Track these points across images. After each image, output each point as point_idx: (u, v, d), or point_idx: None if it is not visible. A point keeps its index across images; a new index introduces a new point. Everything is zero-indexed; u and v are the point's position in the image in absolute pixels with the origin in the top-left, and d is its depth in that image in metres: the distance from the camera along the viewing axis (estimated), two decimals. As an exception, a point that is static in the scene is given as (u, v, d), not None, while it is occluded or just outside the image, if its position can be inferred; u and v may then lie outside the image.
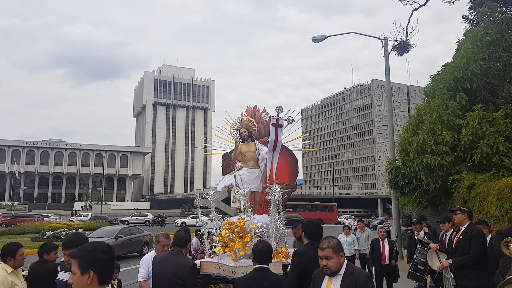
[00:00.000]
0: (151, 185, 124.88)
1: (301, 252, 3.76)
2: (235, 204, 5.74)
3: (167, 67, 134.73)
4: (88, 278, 1.83)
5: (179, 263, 3.68)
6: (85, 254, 1.88)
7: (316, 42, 15.06)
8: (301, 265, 3.58)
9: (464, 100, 9.85)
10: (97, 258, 1.86)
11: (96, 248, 1.90)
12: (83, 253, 1.88)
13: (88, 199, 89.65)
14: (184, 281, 3.58)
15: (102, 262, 1.88)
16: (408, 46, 14.07)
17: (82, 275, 1.84)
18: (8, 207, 79.00)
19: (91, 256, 1.86)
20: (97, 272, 1.85)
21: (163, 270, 3.70)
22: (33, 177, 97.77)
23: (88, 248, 1.91)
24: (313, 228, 3.83)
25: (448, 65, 11.53)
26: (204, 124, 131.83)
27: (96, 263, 1.86)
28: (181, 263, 3.68)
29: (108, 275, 1.92)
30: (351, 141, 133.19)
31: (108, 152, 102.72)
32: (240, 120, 6.52)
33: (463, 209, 5.00)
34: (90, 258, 1.86)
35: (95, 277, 1.84)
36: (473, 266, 4.66)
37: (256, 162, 6.03)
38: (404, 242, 15.22)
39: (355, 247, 10.17)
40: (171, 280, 3.62)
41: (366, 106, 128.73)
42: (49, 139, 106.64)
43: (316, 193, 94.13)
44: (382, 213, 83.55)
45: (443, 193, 10.68)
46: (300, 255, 3.70)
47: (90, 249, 1.89)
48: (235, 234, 4.80)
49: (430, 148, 9.83)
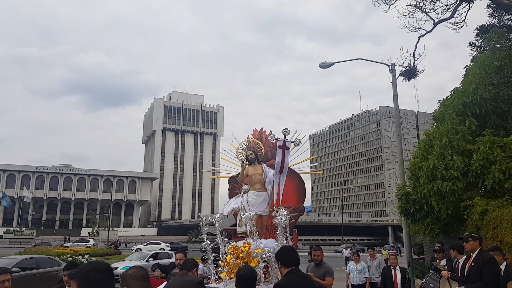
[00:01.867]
0: (159, 211, 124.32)
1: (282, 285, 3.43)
2: (241, 228, 5.64)
3: (177, 93, 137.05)
4: None
5: (186, 280, 3.95)
6: (83, 274, 1.86)
7: (324, 68, 15.20)
8: None
9: (474, 125, 9.75)
10: (96, 279, 1.84)
11: (94, 268, 1.88)
12: (81, 274, 1.86)
13: (95, 225, 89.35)
14: None
15: (101, 282, 1.85)
16: (416, 72, 14.11)
17: None
18: (16, 232, 79.01)
19: (90, 276, 1.84)
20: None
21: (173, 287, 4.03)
22: (42, 202, 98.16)
23: (87, 268, 1.89)
24: (287, 253, 3.52)
25: (456, 90, 11.50)
26: (212, 149, 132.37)
27: (94, 284, 1.83)
28: (188, 280, 3.95)
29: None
30: (360, 167, 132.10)
31: (117, 177, 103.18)
32: (247, 142, 6.50)
33: (474, 235, 4.94)
34: (89, 278, 1.84)
35: None
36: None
37: (263, 185, 5.95)
38: (417, 271, 14.72)
39: (365, 275, 9.85)
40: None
41: (375, 132, 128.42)
42: (59, 164, 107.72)
43: (325, 220, 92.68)
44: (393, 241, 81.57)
45: (455, 220, 10.40)
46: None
47: (89, 269, 1.87)
48: (240, 260, 4.68)
49: (441, 173, 9.65)
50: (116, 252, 37.19)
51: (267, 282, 4.81)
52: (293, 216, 5.83)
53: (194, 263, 4.45)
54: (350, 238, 79.00)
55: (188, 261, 4.50)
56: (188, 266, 4.35)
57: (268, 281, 4.84)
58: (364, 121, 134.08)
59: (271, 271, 4.91)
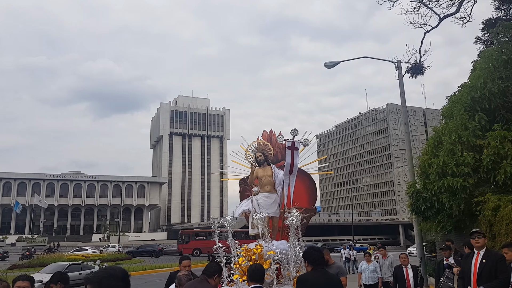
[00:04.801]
0: (168, 215, 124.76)
1: (303, 279, 3.77)
2: (253, 231, 5.63)
3: (183, 98, 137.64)
4: None
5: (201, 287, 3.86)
6: (98, 281, 1.83)
7: (329, 67, 15.17)
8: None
9: (483, 120, 9.65)
10: (110, 285, 1.80)
11: (109, 274, 1.85)
12: (96, 280, 1.83)
13: (106, 231, 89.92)
14: None
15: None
16: (422, 68, 14.02)
17: None
18: (28, 239, 79.90)
19: (104, 282, 1.81)
20: None
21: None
22: (53, 209, 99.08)
23: (102, 274, 1.86)
24: (313, 253, 3.86)
25: (464, 85, 11.39)
26: (219, 152, 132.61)
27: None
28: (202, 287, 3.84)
29: None
30: (369, 166, 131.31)
31: (126, 183, 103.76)
32: (256, 144, 6.50)
33: (483, 232, 4.96)
34: (103, 284, 1.81)
35: None
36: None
37: (273, 187, 5.95)
38: (429, 269, 14.57)
39: (377, 275, 9.78)
40: None
41: (382, 130, 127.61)
42: (68, 171, 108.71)
43: (334, 220, 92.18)
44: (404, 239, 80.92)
45: (467, 217, 10.28)
46: (302, 282, 3.72)
47: (104, 276, 1.84)
48: (252, 262, 4.67)
49: (451, 170, 9.56)
50: (127, 257, 37.39)
51: (280, 284, 4.81)
52: (304, 217, 5.82)
53: (217, 269, 4.02)
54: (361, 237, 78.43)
55: (211, 266, 4.06)
56: (209, 272, 3.94)
57: (281, 283, 4.83)
58: (371, 120, 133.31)
59: (283, 273, 4.90)
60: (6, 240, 78.35)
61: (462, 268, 5.08)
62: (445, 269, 6.37)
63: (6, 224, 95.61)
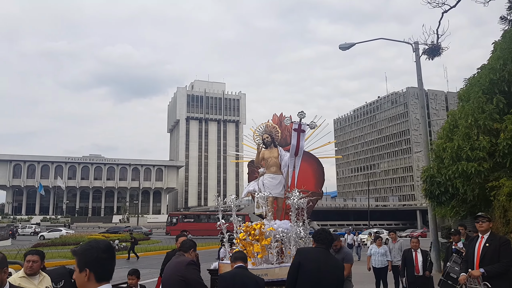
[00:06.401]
0: (185, 198, 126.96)
1: (300, 251, 4.05)
2: (258, 210, 5.71)
3: (199, 82, 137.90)
4: (85, 275, 1.86)
5: (178, 261, 4.17)
6: (81, 252, 1.92)
7: (344, 49, 14.89)
8: (295, 262, 3.80)
9: (501, 103, 9.34)
10: (93, 257, 1.89)
11: (92, 246, 1.93)
12: (80, 251, 1.93)
13: (125, 212, 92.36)
14: (183, 276, 3.93)
15: (98, 260, 1.89)
16: (439, 50, 13.58)
17: (80, 272, 1.89)
18: (52, 220, 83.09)
19: (87, 254, 1.90)
20: (93, 270, 1.87)
21: (167, 269, 4.27)
22: (75, 191, 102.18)
23: (85, 246, 1.95)
24: (321, 233, 4.01)
25: (483, 67, 11.01)
26: (235, 137, 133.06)
27: (92, 261, 1.88)
28: (180, 261, 4.14)
29: (106, 273, 1.93)
30: (387, 151, 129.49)
31: (144, 166, 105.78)
32: (264, 126, 6.51)
33: (488, 216, 4.92)
34: (86, 256, 1.89)
35: (91, 274, 1.86)
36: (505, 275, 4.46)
37: (278, 168, 5.98)
38: (443, 255, 14.46)
39: (387, 258, 9.78)
40: (173, 275, 4.03)
41: (402, 114, 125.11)
42: (89, 154, 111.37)
43: (350, 205, 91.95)
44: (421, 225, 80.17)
45: (482, 202, 10.09)
46: (297, 253, 3.97)
47: (87, 248, 1.93)
48: (252, 237, 4.76)
49: (466, 154, 9.35)
50: (144, 237, 38.38)
51: (282, 263, 4.88)
52: (311, 200, 5.84)
53: (191, 244, 4.49)
54: (377, 222, 78.14)
55: (186, 242, 4.54)
56: (185, 248, 4.40)
57: (284, 262, 4.91)
58: (391, 104, 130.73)
59: (285, 251, 4.97)
60: (31, 220, 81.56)
61: (466, 252, 5.06)
62: (453, 253, 6.31)
63: (31, 205, 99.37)
